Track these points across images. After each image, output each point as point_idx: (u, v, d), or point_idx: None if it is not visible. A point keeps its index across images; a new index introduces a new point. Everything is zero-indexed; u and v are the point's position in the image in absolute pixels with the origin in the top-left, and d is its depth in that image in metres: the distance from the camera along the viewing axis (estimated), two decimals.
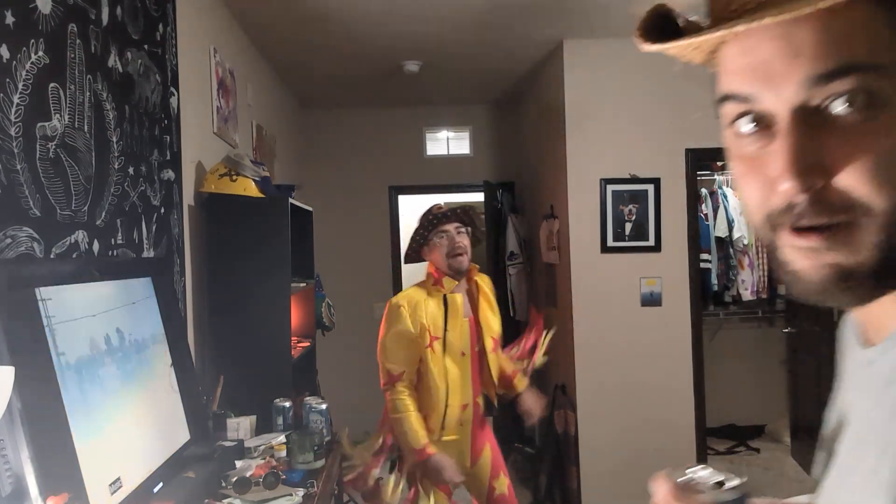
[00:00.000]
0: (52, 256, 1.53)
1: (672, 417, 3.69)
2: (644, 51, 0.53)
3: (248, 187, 2.59)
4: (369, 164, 5.19)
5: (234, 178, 2.58)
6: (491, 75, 4.41)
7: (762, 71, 0.48)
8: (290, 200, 2.68)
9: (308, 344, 3.24)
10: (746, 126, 0.50)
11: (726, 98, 0.51)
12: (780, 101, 0.47)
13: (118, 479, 1.41)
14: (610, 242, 3.68)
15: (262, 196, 2.63)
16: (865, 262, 0.47)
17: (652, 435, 3.65)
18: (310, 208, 3.27)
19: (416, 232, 2.51)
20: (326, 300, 3.61)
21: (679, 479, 0.57)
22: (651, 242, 3.67)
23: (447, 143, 5.36)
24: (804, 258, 0.49)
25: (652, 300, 3.69)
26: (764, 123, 0.49)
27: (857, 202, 0.46)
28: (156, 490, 1.55)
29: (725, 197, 4.48)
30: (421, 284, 2.47)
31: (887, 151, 0.45)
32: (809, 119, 0.46)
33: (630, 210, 3.66)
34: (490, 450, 2.59)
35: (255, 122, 3.51)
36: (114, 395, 1.50)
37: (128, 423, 1.53)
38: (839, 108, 0.46)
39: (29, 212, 1.45)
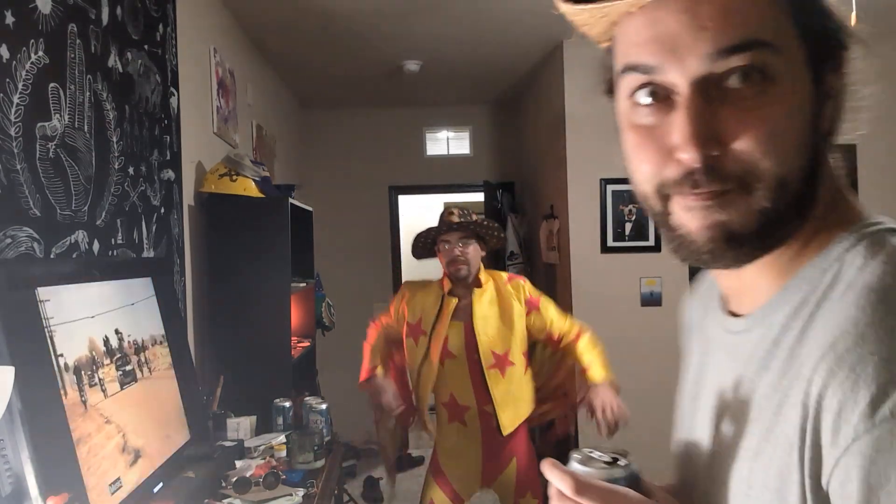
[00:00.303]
0: (52, 256, 1.53)
1: (672, 417, 3.68)
2: (561, 11, 0.54)
3: (248, 187, 2.59)
4: (369, 164, 5.19)
5: (234, 178, 2.58)
6: (491, 75, 4.41)
7: (668, 43, 0.50)
8: (290, 200, 2.68)
9: (308, 344, 3.24)
10: (645, 98, 0.52)
11: (628, 69, 0.53)
12: (682, 72, 0.49)
13: (118, 479, 1.41)
14: (610, 242, 3.68)
15: (262, 196, 2.63)
16: (750, 224, 0.50)
17: (652, 435, 3.65)
18: (310, 208, 3.27)
19: (428, 231, 2.51)
20: (326, 300, 3.61)
21: (574, 456, 0.56)
22: (651, 242, 3.67)
23: (447, 143, 5.36)
24: (694, 219, 0.52)
25: (652, 300, 3.70)
26: (663, 95, 0.51)
27: (749, 169, 0.49)
28: (156, 490, 1.55)
29: None
30: (439, 279, 2.53)
31: (776, 123, 0.49)
32: (708, 91, 0.49)
33: (630, 210, 3.66)
34: (517, 464, 2.51)
35: (255, 122, 3.51)
36: (114, 396, 1.50)
37: (128, 422, 1.53)
38: (735, 81, 0.49)
39: (29, 212, 1.45)
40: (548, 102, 4.14)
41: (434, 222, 2.51)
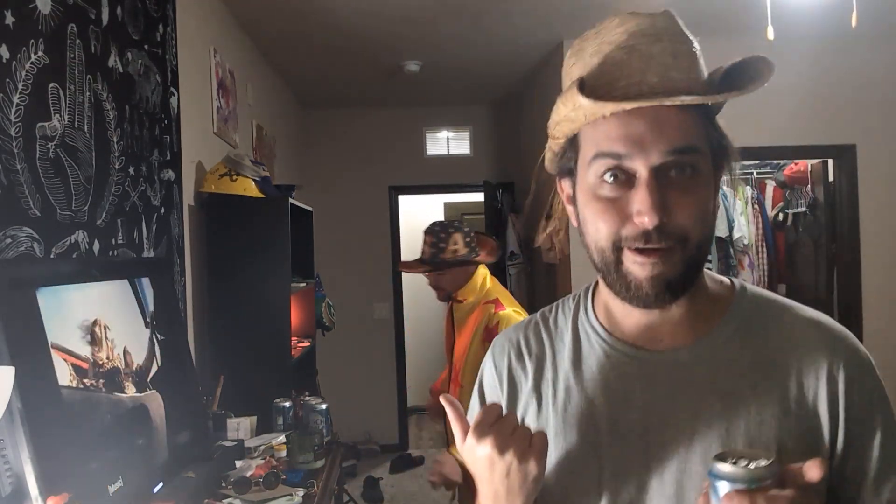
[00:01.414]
0: (52, 256, 1.53)
1: None
2: (572, 105, 0.72)
3: (248, 187, 2.59)
4: (369, 164, 5.19)
5: (234, 178, 2.57)
6: (491, 75, 4.41)
7: (637, 140, 0.69)
8: (290, 200, 2.68)
9: (308, 344, 3.24)
10: (609, 178, 0.72)
11: (600, 155, 0.72)
12: (644, 162, 0.69)
13: (118, 479, 1.41)
14: None
15: (262, 196, 2.63)
16: (680, 272, 0.72)
17: None
18: (310, 208, 3.27)
19: (406, 264, 2.52)
20: (326, 300, 3.61)
21: (721, 465, 0.63)
22: None
23: (447, 143, 5.36)
24: (643, 271, 0.71)
25: None
26: (623, 178, 0.71)
27: (684, 233, 0.70)
28: (156, 490, 1.55)
29: (725, 197, 4.48)
30: None
31: (700, 203, 0.71)
32: (659, 177, 0.70)
33: None
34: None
35: (255, 122, 3.51)
36: (114, 395, 1.50)
37: (128, 422, 1.53)
38: (675, 173, 0.70)
39: (29, 212, 1.45)
40: (548, 102, 4.12)
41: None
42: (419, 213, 6.15)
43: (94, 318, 1.52)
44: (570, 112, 0.73)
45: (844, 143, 3.75)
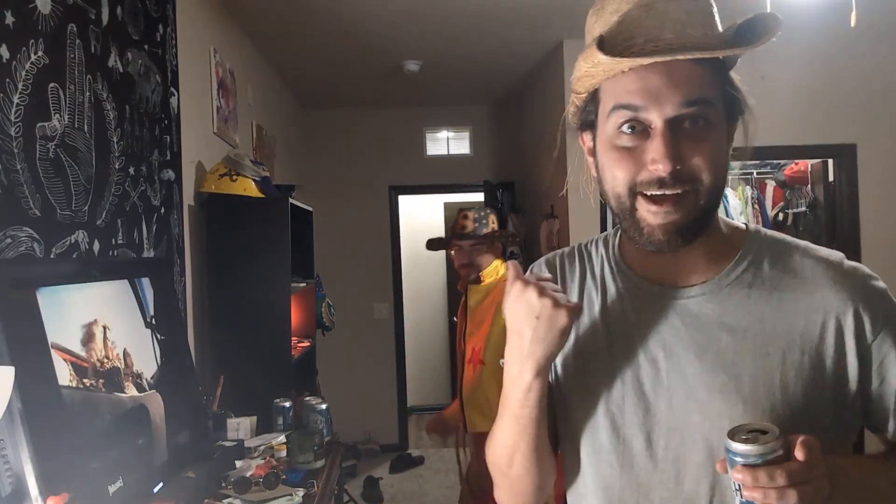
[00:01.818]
0: (52, 256, 1.53)
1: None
2: (593, 61, 0.76)
3: (248, 187, 2.59)
4: (369, 164, 5.19)
5: (234, 178, 2.57)
6: (491, 75, 4.41)
7: (652, 93, 0.74)
8: (290, 200, 2.68)
9: (308, 344, 3.23)
10: (627, 129, 0.77)
11: (619, 107, 0.77)
12: (660, 113, 0.74)
13: (118, 479, 1.41)
14: None
15: (262, 196, 2.63)
16: (691, 219, 0.77)
17: None
18: (310, 208, 3.27)
19: (446, 233, 2.59)
20: (326, 300, 3.61)
21: (736, 440, 0.71)
22: None
23: (447, 143, 5.36)
24: (655, 218, 0.77)
25: None
26: (640, 128, 0.76)
27: (697, 178, 0.76)
28: (156, 490, 1.55)
29: (725, 197, 4.48)
30: None
31: (712, 152, 0.76)
32: (674, 128, 0.75)
33: None
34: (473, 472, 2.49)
35: (255, 122, 3.51)
36: (114, 395, 1.50)
37: (128, 422, 1.53)
38: (689, 123, 0.75)
39: (29, 212, 1.45)
40: (548, 102, 4.14)
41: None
42: (419, 213, 6.15)
43: (94, 318, 1.52)
44: (591, 68, 0.77)
45: (844, 143, 3.74)
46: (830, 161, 3.99)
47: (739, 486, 0.71)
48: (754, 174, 4.74)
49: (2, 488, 1.14)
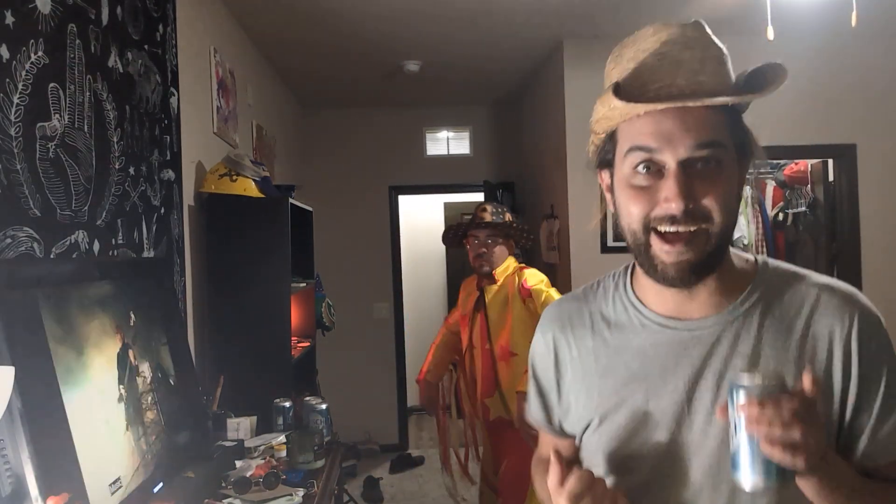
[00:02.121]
0: (52, 256, 1.53)
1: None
2: (610, 105, 0.82)
3: (248, 187, 2.58)
4: (369, 164, 5.19)
5: (234, 178, 2.57)
6: (491, 75, 4.41)
7: (666, 136, 0.79)
8: (290, 200, 2.68)
9: (308, 344, 3.23)
10: (643, 169, 0.82)
11: (635, 149, 0.82)
12: (673, 155, 0.79)
13: (118, 479, 1.41)
14: (610, 242, 3.68)
15: (262, 196, 2.63)
16: (703, 256, 0.81)
17: None
18: (310, 208, 3.27)
19: (459, 225, 2.63)
20: (326, 300, 3.60)
21: (741, 382, 0.74)
22: None
23: (447, 143, 5.36)
24: (669, 256, 0.82)
25: None
26: (655, 169, 0.81)
27: (707, 216, 0.80)
28: (156, 490, 1.55)
29: None
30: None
31: (724, 192, 0.81)
32: (686, 169, 0.79)
33: None
34: (506, 469, 2.49)
35: (256, 122, 3.51)
36: (115, 395, 1.50)
37: (128, 422, 1.53)
38: (701, 165, 0.80)
39: (29, 212, 1.45)
40: (548, 102, 4.14)
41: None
42: (419, 213, 6.15)
43: (94, 318, 1.52)
44: (608, 111, 0.83)
45: (844, 143, 3.75)
46: (830, 161, 3.99)
47: (738, 424, 0.72)
48: (754, 174, 4.75)
49: (2, 488, 1.14)
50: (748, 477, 0.73)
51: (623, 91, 0.81)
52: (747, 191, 4.59)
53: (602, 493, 0.80)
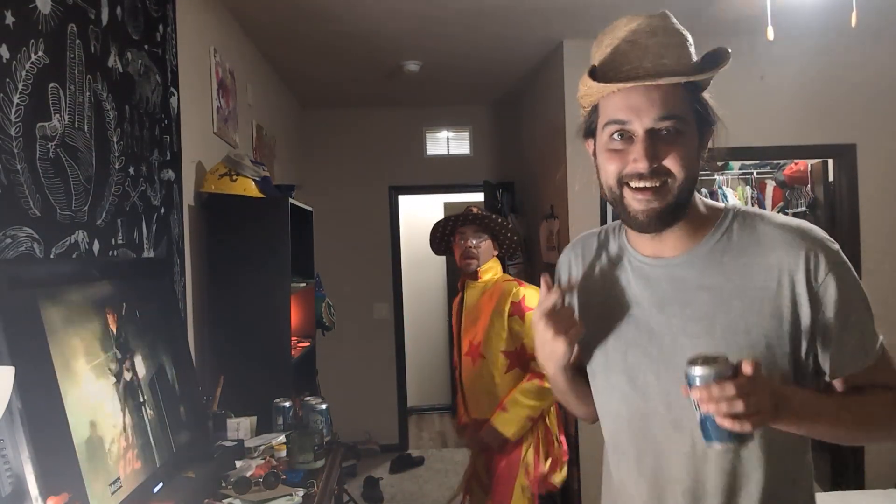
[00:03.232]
0: (52, 256, 1.53)
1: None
2: (588, 85, 1.00)
3: (248, 187, 2.59)
4: (369, 164, 5.19)
5: (234, 178, 2.57)
6: (491, 75, 4.41)
7: (634, 109, 0.97)
8: (290, 200, 2.68)
9: (308, 344, 3.24)
10: (617, 136, 1.00)
11: (611, 122, 1.00)
12: (640, 125, 0.97)
13: (118, 479, 1.41)
14: None
15: (262, 196, 2.63)
16: (669, 204, 0.99)
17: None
18: (310, 208, 3.27)
19: (446, 220, 2.60)
20: (326, 300, 3.61)
21: (695, 364, 0.89)
22: None
23: (447, 143, 5.36)
24: (638, 204, 0.99)
25: None
26: (627, 136, 0.99)
27: (669, 173, 0.98)
28: (156, 490, 1.55)
29: (725, 197, 4.48)
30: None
31: (683, 154, 0.98)
32: (651, 135, 0.97)
33: None
34: (485, 462, 2.50)
35: (255, 122, 3.51)
36: (115, 395, 1.50)
37: (128, 422, 1.53)
38: (664, 133, 0.97)
39: (29, 212, 1.45)
40: (548, 102, 4.14)
41: (433, 222, 2.60)
42: (419, 213, 6.15)
43: (94, 318, 1.52)
44: (587, 89, 1.01)
45: (844, 143, 3.74)
46: (830, 161, 3.99)
47: (696, 403, 0.88)
48: (754, 174, 4.74)
49: (2, 488, 1.14)
50: (713, 443, 0.90)
51: (599, 73, 1.00)
52: (748, 191, 4.59)
53: (562, 314, 1.04)
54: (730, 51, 0.97)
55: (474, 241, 2.51)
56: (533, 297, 2.43)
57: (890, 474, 3.61)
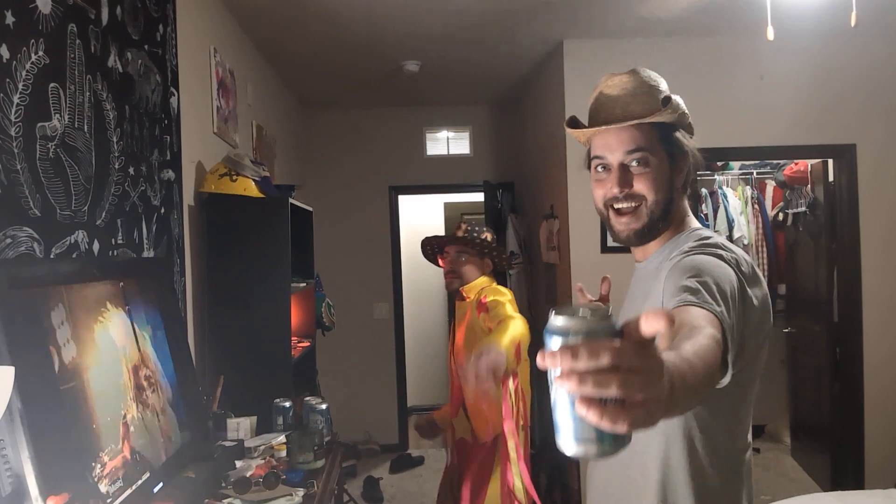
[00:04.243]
0: (52, 256, 1.53)
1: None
2: (569, 131, 1.28)
3: (248, 187, 2.58)
4: (369, 164, 5.19)
5: (234, 178, 2.57)
6: (491, 75, 4.41)
7: (609, 147, 1.20)
8: (290, 200, 2.68)
9: (308, 344, 3.23)
10: (600, 168, 1.22)
11: (595, 157, 1.22)
12: (613, 159, 1.19)
13: (118, 479, 1.41)
14: (610, 242, 3.68)
15: (262, 196, 2.63)
16: (644, 224, 1.19)
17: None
18: (310, 208, 3.27)
19: (433, 238, 2.59)
20: (326, 300, 3.61)
21: (556, 314, 0.58)
22: None
23: (447, 143, 5.36)
24: (620, 226, 1.21)
25: None
26: (606, 168, 1.21)
27: (641, 197, 1.18)
28: (156, 490, 1.55)
29: (725, 197, 4.48)
30: None
31: (652, 181, 1.18)
32: (622, 168, 1.19)
33: None
34: (466, 486, 2.43)
35: (255, 122, 3.51)
36: (115, 395, 1.50)
37: (128, 422, 1.53)
38: (634, 165, 1.18)
39: (29, 212, 1.45)
40: (548, 102, 4.14)
41: (433, 223, 2.58)
42: (419, 213, 6.15)
43: (94, 318, 1.52)
44: (572, 133, 1.28)
45: (844, 143, 3.74)
46: (830, 161, 3.99)
47: (551, 378, 0.54)
48: (754, 174, 4.74)
49: (2, 488, 1.14)
50: (569, 443, 0.56)
51: (590, 117, 1.26)
52: (748, 191, 4.59)
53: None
54: (675, 98, 1.18)
55: (458, 261, 2.48)
56: (492, 291, 2.39)
57: (890, 474, 3.61)
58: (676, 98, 1.18)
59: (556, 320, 0.56)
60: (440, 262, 2.59)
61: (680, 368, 0.67)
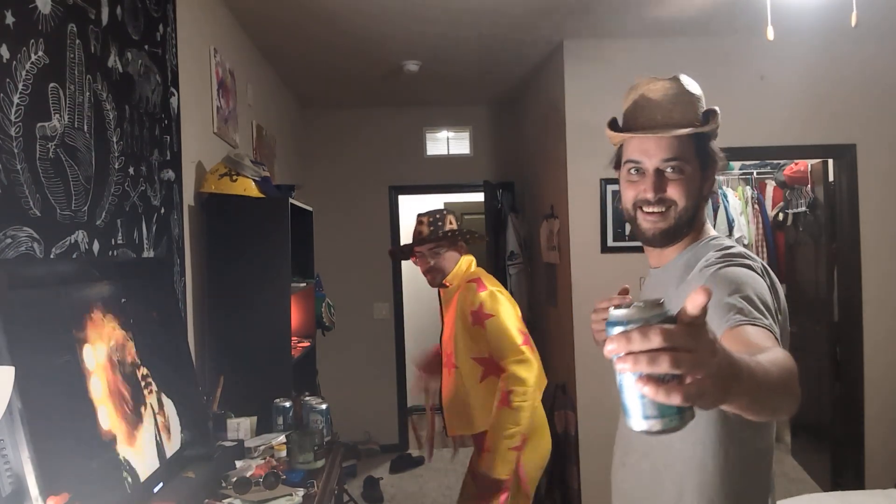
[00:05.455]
0: (52, 256, 1.53)
1: None
2: (611, 133, 1.29)
3: (248, 187, 2.58)
4: (369, 164, 5.19)
5: (234, 178, 2.57)
6: (491, 75, 4.41)
7: (646, 152, 1.22)
8: (290, 200, 2.68)
9: (308, 344, 3.23)
10: (633, 171, 1.25)
11: (629, 161, 1.25)
12: (650, 165, 1.22)
13: (118, 478, 1.41)
14: (610, 242, 3.68)
15: (262, 196, 2.63)
16: (671, 226, 1.23)
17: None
18: (310, 208, 3.27)
19: (401, 248, 2.61)
20: (326, 300, 3.61)
21: (613, 308, 0.65)
22: None
23: (447, 143, 5.36)
24: (648, 224, 1.24)
25: None
26: (640, 171, 1.24)
27: (672, 202, 1.22)
28: (156, 490, 1.55)
29: (725, 197, 4.48)
30: None
31: (684, 188, 1.22)
32: (658, 173, 1.22)
33: None
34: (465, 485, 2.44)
35: (256, 122, 3.51)
36: (115, 395, 1.50)
37: (127, 422, 1.53)
38: (669, 171, 1.22)
39: (29, 212, 1.45)
40: (548, 102, 4.14)
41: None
42: (419, 213, 6.14)
43: (94, 318, 1.52)
44: (611, 135, 1.28)
45: (844, 143, 3.74)
46: (830, 161, 3.99)
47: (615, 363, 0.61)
48: (754, 174, 4.74)
49: (2, 488, 1.14)
50: (638, 421, 0.64)
51: (624, 121, 1.28)
52: (748, 191, 4.59)
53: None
54: (717, 110, 1.22)
55: (433, 258, 2.46)
56: (490, 301, 2.31)
57: (890, 474, 3.61)
58: (717, 111, 1.21)
59: (615, 312, 0.64)
60: (414, 262, 2.56)
61: (749, 363, 0.71)
